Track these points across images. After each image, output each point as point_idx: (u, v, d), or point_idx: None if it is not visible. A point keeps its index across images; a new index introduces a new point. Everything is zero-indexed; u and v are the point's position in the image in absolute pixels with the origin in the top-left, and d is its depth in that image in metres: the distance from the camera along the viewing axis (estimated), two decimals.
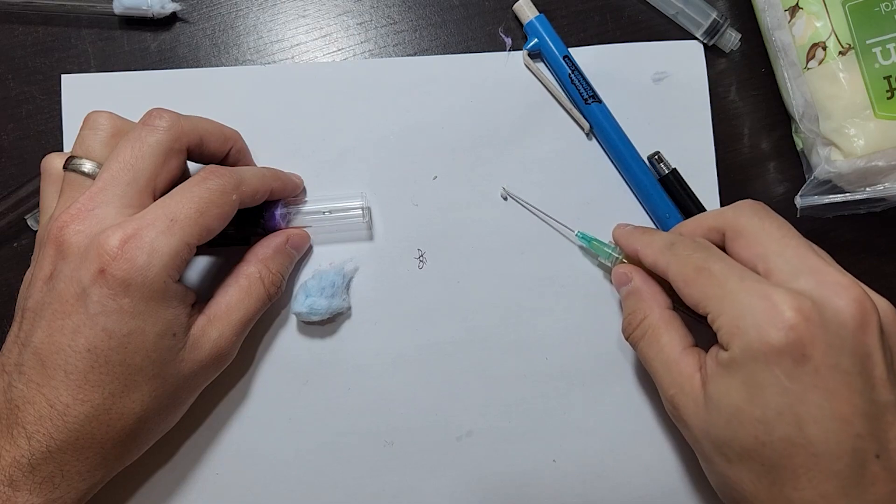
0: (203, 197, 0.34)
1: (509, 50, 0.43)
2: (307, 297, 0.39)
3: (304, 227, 0.40)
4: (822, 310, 0.29)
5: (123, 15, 0.42)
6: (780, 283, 0.30)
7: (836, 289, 0.29)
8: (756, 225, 0.33)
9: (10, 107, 0.42)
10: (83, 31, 0.43)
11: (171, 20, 0.43)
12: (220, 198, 0.34)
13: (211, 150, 0.37)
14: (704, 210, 0.41)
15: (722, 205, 0.43)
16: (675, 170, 0.42)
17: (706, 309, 0.31)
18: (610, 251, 0.40)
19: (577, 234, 0.41)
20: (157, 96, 0.42)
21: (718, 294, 0.31)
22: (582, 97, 0.42)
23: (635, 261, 0.38)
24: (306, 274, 0.41)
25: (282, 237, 0.39)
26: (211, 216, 0.34)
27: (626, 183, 0.43)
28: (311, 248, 0.42)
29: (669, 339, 0.34)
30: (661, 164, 0.42)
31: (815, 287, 0.30)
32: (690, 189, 0.42)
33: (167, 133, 0.34)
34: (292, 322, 0.41)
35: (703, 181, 0.43)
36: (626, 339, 0.37)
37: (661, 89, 0.43)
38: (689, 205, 0.41)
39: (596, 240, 0.41)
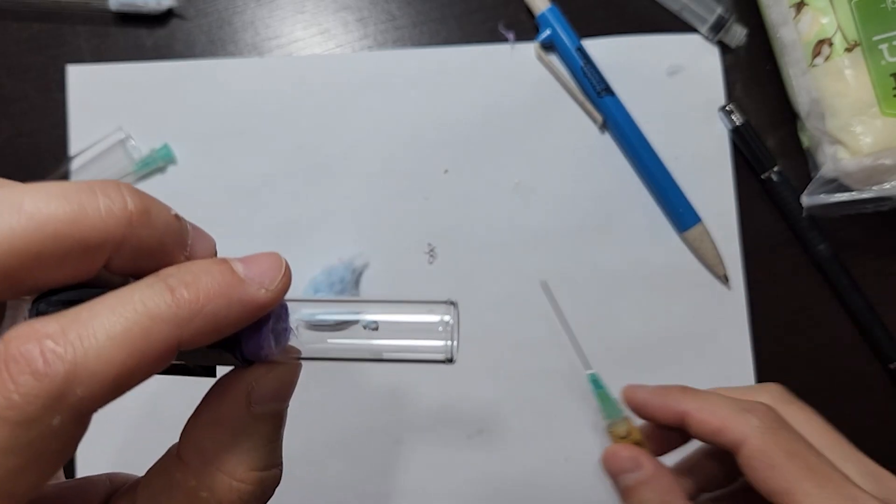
0: None
1: (513, 44, 0.42)
2: (316, 292, 0.39)
3: (311, 352, 0.22)
4: None
5: (119, 11, 0.42)
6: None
7: None
8: (798, 416, 0.30)
9: (4, 104, 0.42)
10: (78, 28, 0.42)
11: (166, 16, 0.42)
12: (15, 437, 0.15)
13: (55, 277, 0.18)
14: (776, 165, 0.42)
15: (739, 200, 0.42)
16: (746, 121, 0.42)
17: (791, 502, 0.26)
18: (615, 415, 0.33)
19: (588, 376, 0.34)
20: (165, 88, 0.42)
21: (815, 493, 0.26)
22: (595, 90, 0.41)
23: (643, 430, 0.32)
24: (316, 269, 0.41)
25: (237, 400, 0.20)
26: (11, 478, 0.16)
27: (640, 178, 0.42)
28: (315, 244, 0.41)
29: None
30: (733, 116, 0.42)
31: (888, 495, 0.28)
32: (762, 143, 0.42)
33: None
34: None
35: (719, 177, 0.42)
36: None
37: (676, 82, 0.43)
38: (760, 158, 0.42)
39: (606, 393, 0.34)
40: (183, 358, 0.19)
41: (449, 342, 0.20)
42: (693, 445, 0.32)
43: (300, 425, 0.41)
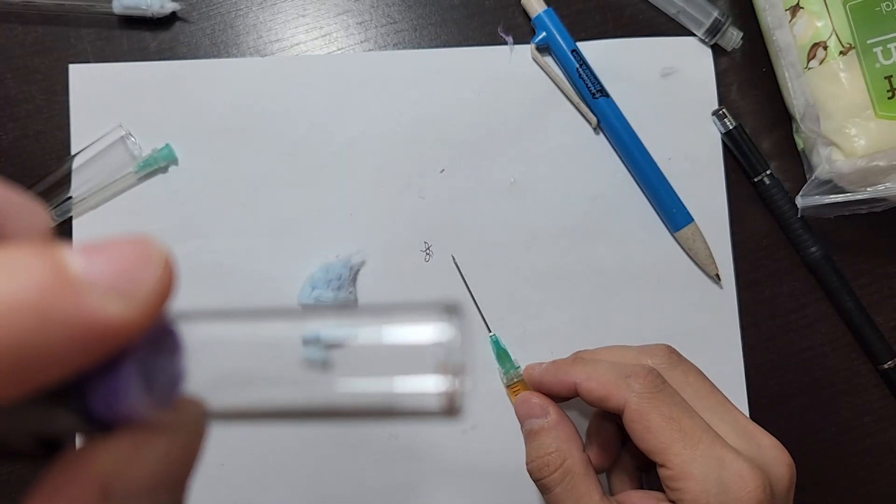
0: None
1: (511, 46, 0.43)
2: (314, 288, 0.40)
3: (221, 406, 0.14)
4: (772, 481, 0.30)
5: (123, 14, 0.42)
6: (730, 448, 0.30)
7: (774, 454, 0.31)
8: (681, 379, 0.33)
9: (10, 106, 0.42)
10: (82, 31, 0.43)
11: (170, 19, 0.43)
12: None
13: None
14: (768, 168, 0.42)
15: (729, 202, 0.43)
16: (739, 125, 0.42)
17: (666, 462, 0.30)
18: (512, 369, 0.40)
19: (489, 337, 0.41)
20: (166, 87, 0.42)
21: (685, 453, 0.29)
22: (589, 91, 0.42)
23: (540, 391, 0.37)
24: (313, 265, 0.41)
25: (84, 496, 0.12)
26: None
27: (634, 178, 0.43)
28: (313, 242, 0.42)
29: (589, 487, 0.32)
30: (726, 120, 0.42)
31: (758, 453, 0.31)
32: (755, 146, 0.42)
33: None
34: None
35: (711, 178, 0.43)
36: (537, 481, 0.34)
37: (669, 84, 0.43)
38: (753, 162, 0.42)
39: (505, 351, 0.41)
40: None
41: (452, 380, 0.12)
42: None
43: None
